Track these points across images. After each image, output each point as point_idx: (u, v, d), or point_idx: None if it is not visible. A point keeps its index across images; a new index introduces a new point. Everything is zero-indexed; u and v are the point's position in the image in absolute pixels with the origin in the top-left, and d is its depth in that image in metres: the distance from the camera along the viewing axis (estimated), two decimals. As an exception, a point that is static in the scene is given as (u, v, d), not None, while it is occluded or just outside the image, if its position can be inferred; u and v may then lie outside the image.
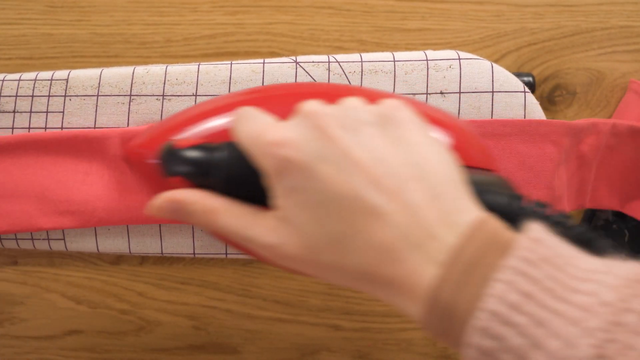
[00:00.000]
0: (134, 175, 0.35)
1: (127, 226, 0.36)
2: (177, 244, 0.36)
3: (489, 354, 0.18)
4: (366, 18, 0.46)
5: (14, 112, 0.36)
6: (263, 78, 0.35)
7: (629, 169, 0.37)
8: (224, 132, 0.27)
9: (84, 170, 0.35)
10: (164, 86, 0.35)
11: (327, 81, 0.34)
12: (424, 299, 0.20)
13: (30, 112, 0.36)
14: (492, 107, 0.34)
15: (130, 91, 0.35)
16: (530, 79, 0.44)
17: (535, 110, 0.34)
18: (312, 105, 0.23)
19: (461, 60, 0.34)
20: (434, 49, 0.35)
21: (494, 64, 0.34)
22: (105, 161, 0.35)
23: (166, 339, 0.48)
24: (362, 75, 0.34)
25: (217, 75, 0.35)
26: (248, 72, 0.35)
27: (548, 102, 0.45)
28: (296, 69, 0.35)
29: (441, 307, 0.20)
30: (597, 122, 0.35)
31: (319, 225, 0.22)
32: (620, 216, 0.44)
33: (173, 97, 0.35)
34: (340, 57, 0.35)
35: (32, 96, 0.36)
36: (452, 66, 0.34)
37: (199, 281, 0.47)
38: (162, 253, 0.36)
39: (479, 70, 0.34)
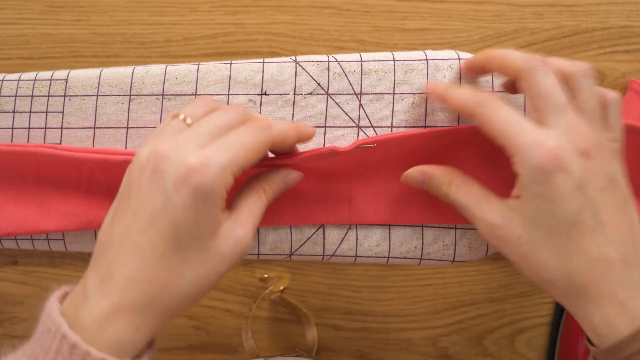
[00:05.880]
0: None
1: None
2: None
3: None
4: (366, 18, 0.46)
5: (13, 112, 0.36)
6: (263, 77, 0.35)
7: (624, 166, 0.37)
8: None
9: (87, 177, 0.35)
10: (163, 86, 0.35)
11: (326, 80, 0.34)
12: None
13: (30, 112, 0.36)
14: (492, 107, 0.34)
15: (130, 91, 0.35)
16: (530, 78, 0.44)
17: (535, 110, 0.34)
18: (589, 130, 0.27)
19: (461, 60, 0.34)
20: (434, 49, 0.35)
21: (494, 64, 0.34)
22: (108, 167, 0.35)
23: (166, 339, 0.48)
24: (362, 74, 0.34)
25: (217, 75, 0.35)
26: (248, 72, 0.35)
27: (548, 102, 0.45)
28: (296, 68, 0.35)
29: None
30: None
31: (549, 230, 0.26)
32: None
33: (172, 96, 0.35)
34: (340, 56, 0.35)
35: (32, 96, 0.36)
36: (451, 66, 0.34)
37: (198, 281, 0.47)
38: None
39: (479, 70, 0.34)
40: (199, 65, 0.35)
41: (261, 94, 0.35)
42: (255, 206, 0.30)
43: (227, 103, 0.35)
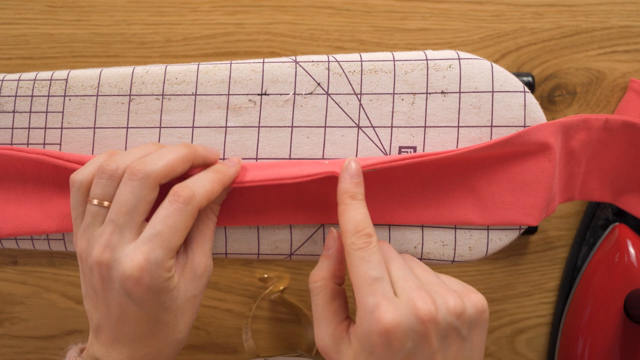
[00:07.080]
0: None
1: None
2: (177, 244, 0.36)
3: None
4: (366, 18, 0.46)
5: (13, 112, 0.36)
6: (262, 77, 0.35)
7: (621, 162, 0.37)
8: None
9: None
10: (163, 86, 0.35)
11: (327, 80, 0.34)
12: None
13: (30, 112, 0.36)
14: (492, 107, 0.34)
15: (130, 91, 0.35)
16: (530, 79, 0.44)
17: (535, 110, 0.34)
18: (429, 307, 0.26)
19: (461, 60, 0.34)
20: (434, 49, 0.35)
21: (494, 64, 0.34)
22: None
23: (166, 339, 0.48)
24: (361, 74, 0.34)
25: (217, 75, 0.35)
26: (248, 72, 0.35)
27: (548, 102, 0.45)
28: (296, 68, 0.35)
29: None
30: (589, 118, 0.35)
31: None
32: (620, 215, 0.44)
33: (172, 96, 0.35)
34: (340, 56, 0.35)
35: (32, 96, 0.36)
36: (451, 66, 0.34)
37: (198, 281, 0.47)
38: (161, 253, 0.36)
39: (479, 70, 0.34)
40: (199, 65, 0.35)
41: (261, 94, 0.35)
42: (206, 230, 0.32)
43: (227, 103, 0.35)
